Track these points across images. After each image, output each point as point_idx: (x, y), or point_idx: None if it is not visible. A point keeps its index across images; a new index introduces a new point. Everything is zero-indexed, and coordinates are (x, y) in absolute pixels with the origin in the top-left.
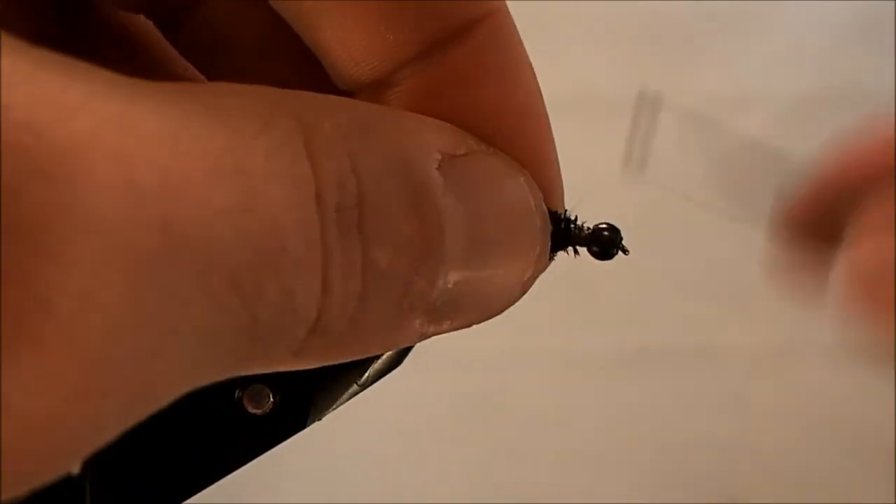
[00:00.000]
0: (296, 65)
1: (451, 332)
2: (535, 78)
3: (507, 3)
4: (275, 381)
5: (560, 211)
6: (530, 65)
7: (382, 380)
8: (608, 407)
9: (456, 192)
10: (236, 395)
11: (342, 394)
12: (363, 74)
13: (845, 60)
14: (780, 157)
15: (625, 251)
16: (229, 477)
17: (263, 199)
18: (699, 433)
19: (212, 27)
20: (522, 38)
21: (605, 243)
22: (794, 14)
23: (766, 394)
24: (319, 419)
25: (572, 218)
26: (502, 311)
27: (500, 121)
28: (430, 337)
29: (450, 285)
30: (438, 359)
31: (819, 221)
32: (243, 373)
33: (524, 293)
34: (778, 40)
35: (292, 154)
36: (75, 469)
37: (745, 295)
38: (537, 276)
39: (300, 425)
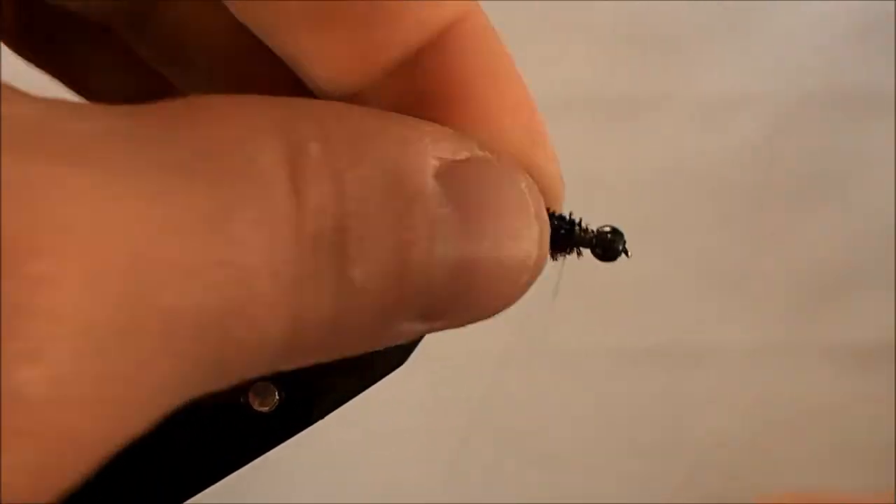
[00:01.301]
0: (268, 69)
1: (452, 332)
2: (521, 76)
3: (510, 3)
4: (280, 378)
5: (561, 211)
6: (513, 63)
7: (385, 377)
8: (608, 407)
9: (453, 200)
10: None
11: (347, 391)
12: (340, 88)
13: (845, 60)
14: None
15: (627, 254)
16: (228, 476)
17: (239, 250)
18: (699, 433)
19: (178, 29)
20: (522, 38)
21: (609, 246)
22: (793, 14)
23: (766, 394)
24: (324, 416)
25: (577, 220)
26: (497, 313)
27: (495, 123)
28: (420, 335)
29: (441, 291)
30: (439, 357)
31: None
32: (211, 390)
33: (520, 297)
34: (778, 40)
35: (274, 194)
36: None
37: (744, 295)
38: (533, 282)
39: (306, 422)
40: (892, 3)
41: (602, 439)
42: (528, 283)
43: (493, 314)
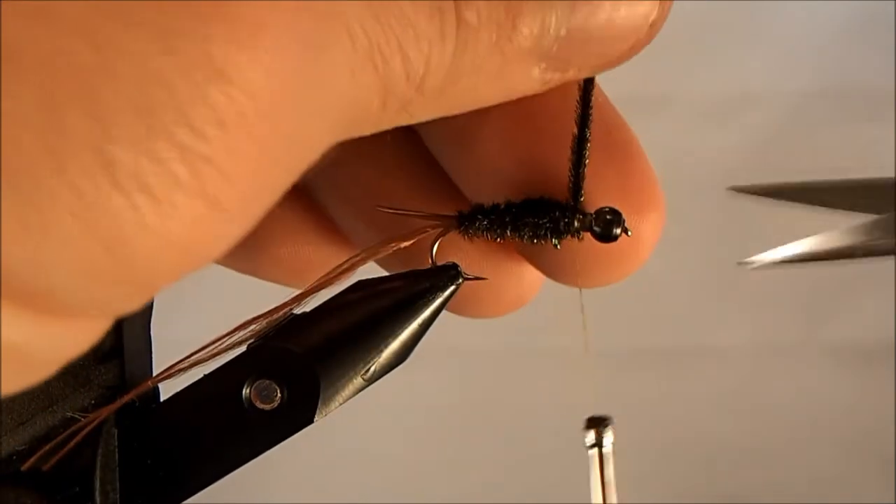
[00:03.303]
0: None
1: (453, 331)
2: None
3: None
4: (283, 376)
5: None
6: None
7: (386, 376)
8: (608, 407)
9: None
10: (245, 391)
11: (349, 388)
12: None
13: (845, 60)
14: None
15: (626, 231)
16: (227, 476)
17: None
18: (699, 433)
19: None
20: None
21: (607, 224)
22: (794, 14)
23: (766, 394)
24: (326, 414)
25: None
26: (628, 55)
27: None
28: (557, 84)
29: (562, 32)
30: (439, 357)
31: None
32: (362, 133)
33: (652, 36)
34: (778, 40)
35: None
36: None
37: (744, 295)
38: (665, 17)
39: (308, 420)
40: (892, 3)
41: None
42: (661, 19)
43: (623, 57)
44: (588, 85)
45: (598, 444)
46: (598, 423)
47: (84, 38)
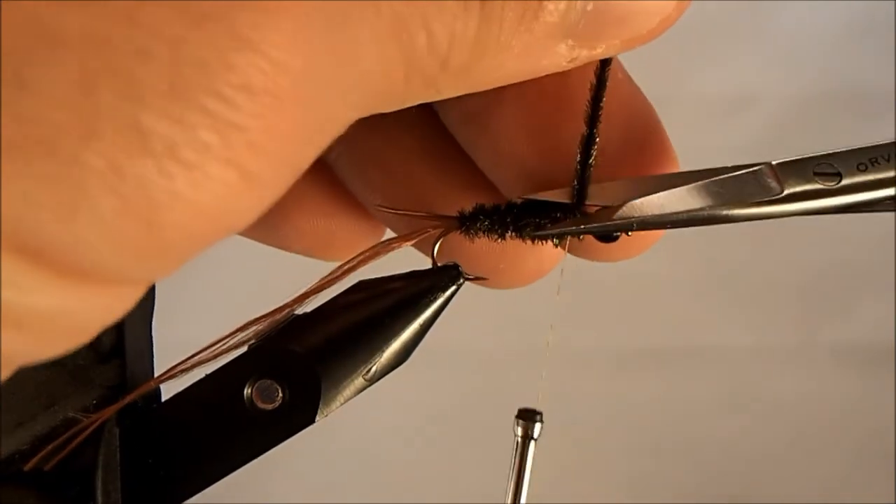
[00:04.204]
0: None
1: (453, 331)
2: None
3: None
4: (284, 376)
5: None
6: None
7: (386, 376)
8: (608, 407)
9: None
10: (246, 391)
11: (350, 388)
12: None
13: (845, 60)
14: None
15: (628, 231)
16: (228, 476)
17: None
18: (699, 433)
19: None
20: None
21: None
22: (794, 14)
23: (766, 394)
24: (327, 414)
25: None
26: (658, 30)
27: None
28: (585, 61)
29: (589, 7)
30: (440, 358)
31: None
32: (388, 108)
33: (682, 11)
34: (778, 40)
35: None
36: None
37: (745, 295)
38: (677, 17)
39: (309, 420)
40: (893, 3)
41: (602, 439)
42: (680, 12)
43: (653, 34)
44: (600, 82)
45: (527, 436)
46: (528, 416)
47: (116, 18)
